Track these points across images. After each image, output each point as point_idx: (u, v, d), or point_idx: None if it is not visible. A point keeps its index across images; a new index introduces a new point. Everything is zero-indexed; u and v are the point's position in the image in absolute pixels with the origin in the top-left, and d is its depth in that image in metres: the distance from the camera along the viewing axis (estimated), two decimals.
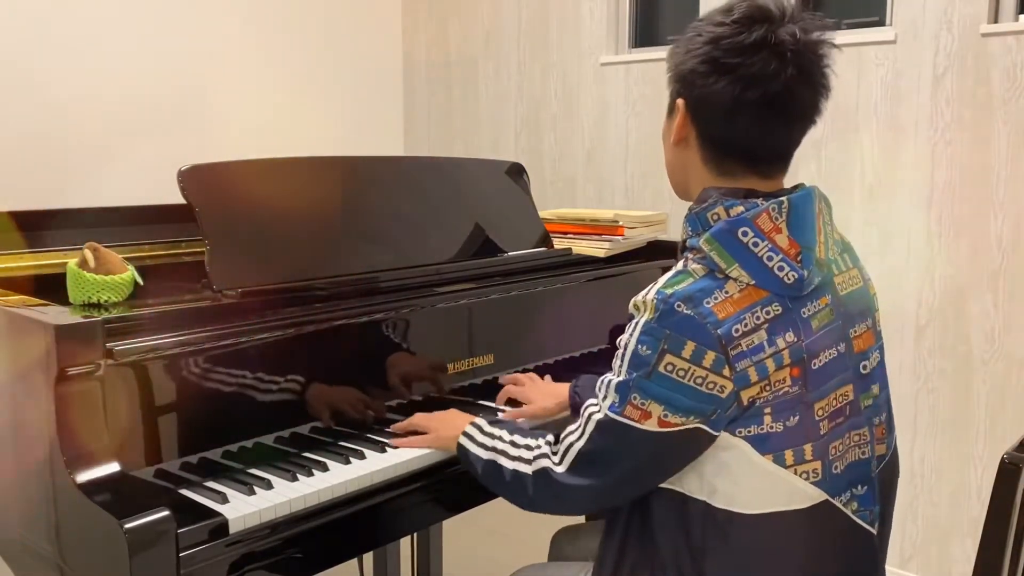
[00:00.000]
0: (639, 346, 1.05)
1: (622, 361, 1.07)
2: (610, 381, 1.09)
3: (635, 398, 1.05)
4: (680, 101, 1.14)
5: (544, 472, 1.17)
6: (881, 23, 2.51)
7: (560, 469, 1.15)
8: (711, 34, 1.09)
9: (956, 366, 2.41)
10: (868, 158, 2.51)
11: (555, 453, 1.17)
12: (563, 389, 1.59)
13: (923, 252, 2.43)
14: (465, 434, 1.32)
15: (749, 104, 1.08)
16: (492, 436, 1.29)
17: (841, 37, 2.52)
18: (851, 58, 2.49)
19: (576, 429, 1.14)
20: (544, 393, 1.60)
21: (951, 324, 2.40)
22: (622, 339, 1.09)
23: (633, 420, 1.05)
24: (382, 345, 1.53)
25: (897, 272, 2.46)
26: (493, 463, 1.25)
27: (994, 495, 1.04)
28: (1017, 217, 2.28)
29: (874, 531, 1.16)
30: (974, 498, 2.41)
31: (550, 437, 1.21)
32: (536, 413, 1.58)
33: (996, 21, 2.31)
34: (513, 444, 1.25)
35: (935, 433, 2.46)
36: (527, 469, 1.19)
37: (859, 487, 1.13)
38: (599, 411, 1.10)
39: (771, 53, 1.07)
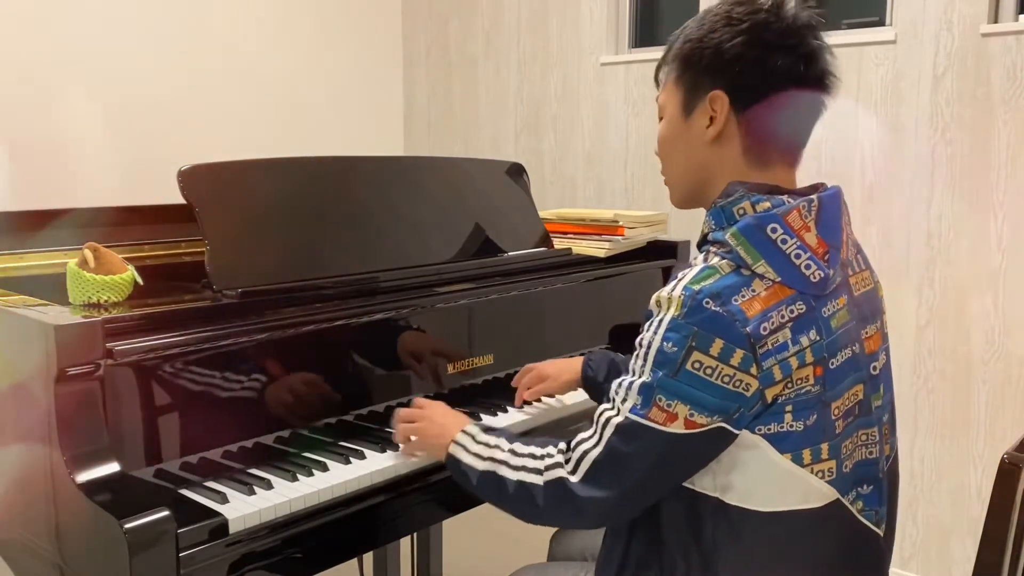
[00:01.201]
0: (665, 343, 1.02)
1: (644, 360, 1.04)
2: (631, 383, 1.05)
3: (660, 399, 1.02)
4: (717, 92, 1.11)
5: (559, 482, 1.10)
6: (881, 23, 2.51)
7: (575, 479, 1.09)
8: (751, 21, 1.09)
9: (956, 366, 2.41)
10: (868, 158, 2.51)
11: (568, 462, 1.11)
12: (576, 363, 1.59)
13: (923, 252, 2.43)
14: (456, 443, 1.26)
15: (809, 80, 1.11)
16: (488, 445, 1.22)
17: (841, 37, 2.52)
18: (851, 58, 2.49)
19: (591, 436, 1.09)
20: (559, 368, 1.60)
21: (951, 324, 2.40)
22: (642, 338, 1.05)
23: (658, 423, 1.02)
24: (382, 345, 1.53)
25: (897, 272, 2.45)
26: (492, 473, 1.18)
27: (994, 495, 1.04)
28: (1017, 217, 2.28)
29: (880, 532, 1.15)
30: (974, 498, 2.41)
31: (562, 445, 1.14)
32: (552, 389, 1.58)
33: (996, 21, 2.31)
34: (514, 453, 1.18)
35: (935, 433, 2.45)
36: (537, 479, 1.12)
37: (865, 487, 1.12)
38: (617, 415, 1.05)
39: (813, 34, 1.11)
